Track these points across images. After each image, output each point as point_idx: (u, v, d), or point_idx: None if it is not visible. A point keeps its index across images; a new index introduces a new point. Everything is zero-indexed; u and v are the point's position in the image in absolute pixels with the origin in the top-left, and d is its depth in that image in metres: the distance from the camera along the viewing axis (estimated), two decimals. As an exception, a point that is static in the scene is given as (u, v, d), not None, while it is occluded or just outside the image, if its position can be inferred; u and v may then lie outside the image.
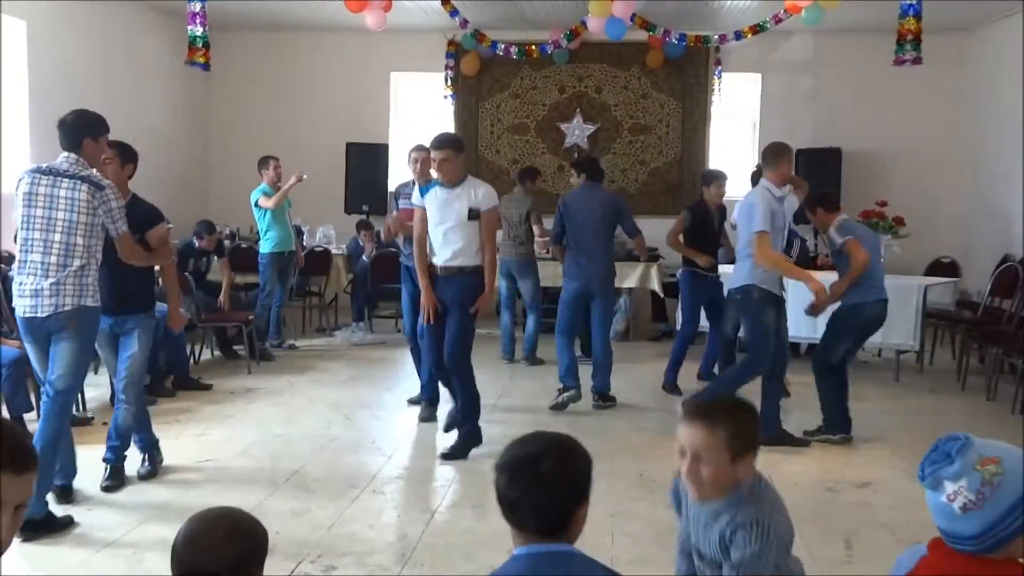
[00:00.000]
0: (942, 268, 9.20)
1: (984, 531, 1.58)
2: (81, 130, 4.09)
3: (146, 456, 4.75)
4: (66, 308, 4.00)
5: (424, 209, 5.28)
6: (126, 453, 4.63)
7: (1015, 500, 1.56)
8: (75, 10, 8.45)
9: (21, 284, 4.02)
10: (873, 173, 10.33)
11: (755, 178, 6.54)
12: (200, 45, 7.39)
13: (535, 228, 7.83)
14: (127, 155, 4.58)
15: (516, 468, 1.74)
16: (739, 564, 2.05)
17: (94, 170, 4.12)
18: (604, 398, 6.36)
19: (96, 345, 4.42)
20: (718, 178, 7.13)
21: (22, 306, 4.02)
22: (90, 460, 4.58)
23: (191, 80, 10.32)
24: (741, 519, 2.06)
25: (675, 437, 2.10)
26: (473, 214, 5.13)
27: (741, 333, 6.08)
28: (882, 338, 7.47)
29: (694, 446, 2.04)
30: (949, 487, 1.61)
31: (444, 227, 5.19)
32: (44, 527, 3.85)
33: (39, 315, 4.00)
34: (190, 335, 7.30)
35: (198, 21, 7.35)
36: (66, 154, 4.07)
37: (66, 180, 3.98)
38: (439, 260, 5.25)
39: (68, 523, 3.99)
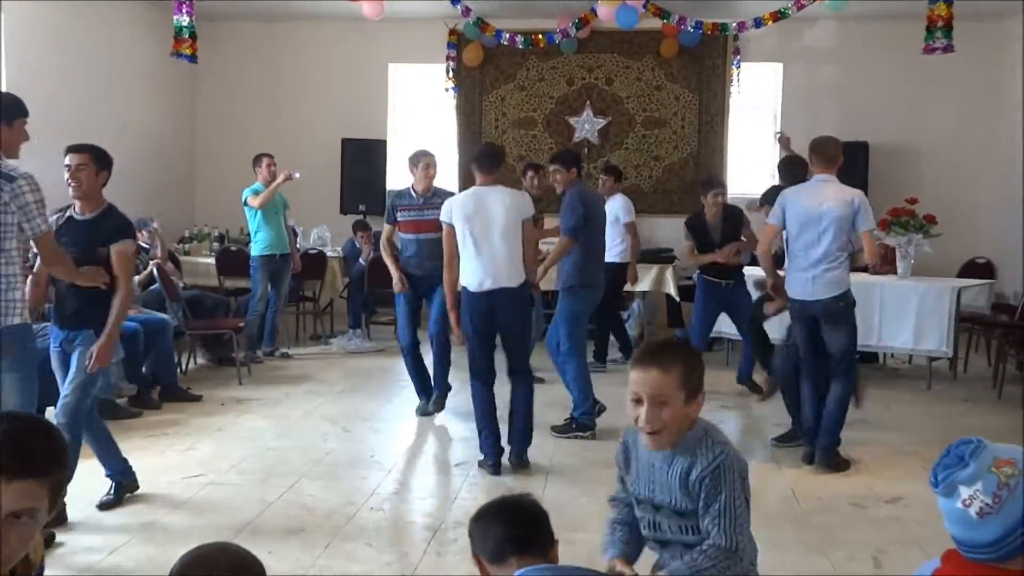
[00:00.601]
0: (976, 269, 9.19)
1: (1002, 537, 1.59)
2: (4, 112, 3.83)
3: (114, 485, 4.54)
4: None
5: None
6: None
7: None
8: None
9: None
10: (902, 169, 10.32)
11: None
12: (187, 36, 7.42)
13: None
14: (102, 161, 4.34)
15: (507, 510, 2.20)
16: (722, 512, 2.20)
17: (9, 161, 3.84)
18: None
19: (53, 365, 4.36)
20: (714, 188, 7.10)
21: None
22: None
23: (177, 73, 10.35)
24: (707, 464, 2.22)
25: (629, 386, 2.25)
26: None
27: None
28: (913, 344, 7.48)
29: (653, 389, 2.19)
30: (964, 492, 1.63)
31: None
32: None
33: None
34: (178, 342, 7.33)
35: (184, 10, 7.38)
36: None
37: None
38: None
39: (49, 541, 3.95)
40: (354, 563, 3.90)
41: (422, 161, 6.27)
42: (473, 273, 5.15)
